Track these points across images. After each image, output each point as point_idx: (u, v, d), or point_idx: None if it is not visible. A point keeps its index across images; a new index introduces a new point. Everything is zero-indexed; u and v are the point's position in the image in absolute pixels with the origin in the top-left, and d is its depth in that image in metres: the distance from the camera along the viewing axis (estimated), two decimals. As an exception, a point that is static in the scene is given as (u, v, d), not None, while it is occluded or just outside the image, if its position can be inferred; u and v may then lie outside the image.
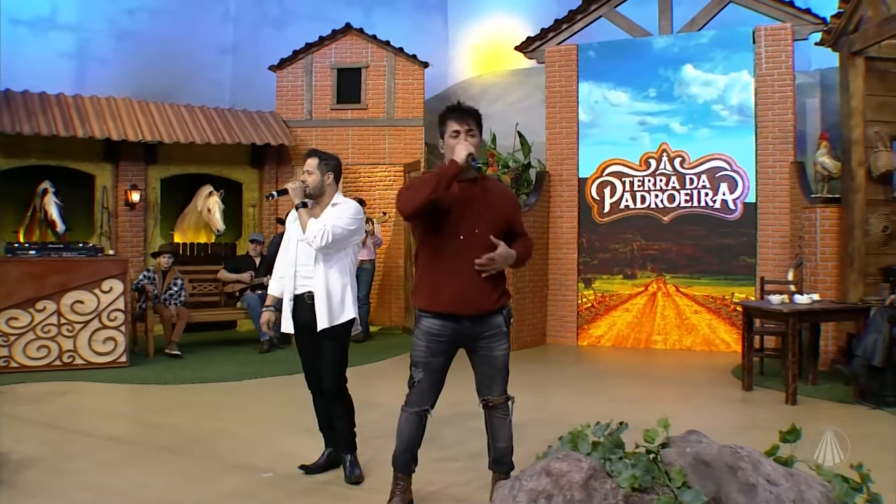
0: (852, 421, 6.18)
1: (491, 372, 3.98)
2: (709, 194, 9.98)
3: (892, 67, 8.21)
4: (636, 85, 10.42)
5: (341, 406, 4.71)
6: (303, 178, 4.66)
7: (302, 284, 4.61)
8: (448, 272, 3.85)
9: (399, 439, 4.09)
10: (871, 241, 8.15)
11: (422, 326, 3.93)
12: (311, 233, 4.43)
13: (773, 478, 2.41)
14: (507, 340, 4.02)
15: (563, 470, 2.37)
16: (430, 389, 3.99)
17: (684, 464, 2.49)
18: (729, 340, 9.75)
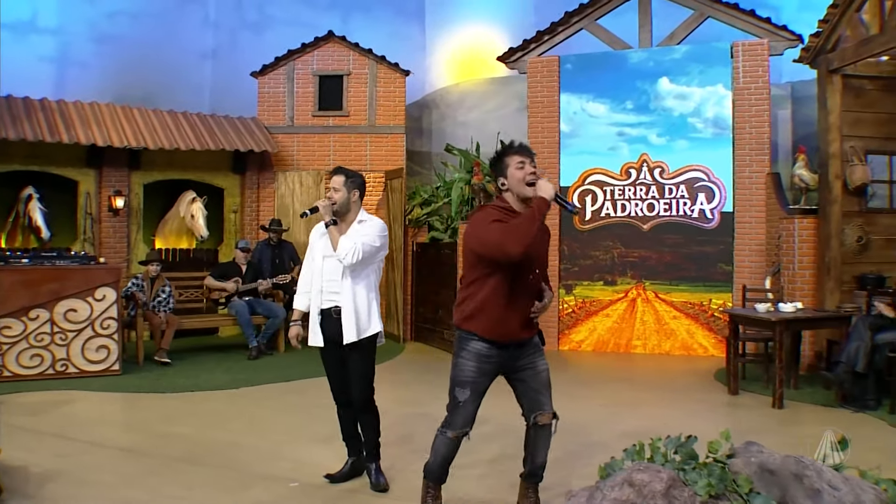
0: (838, 424, 6.37)
1: (538, 386, 4.12)
2: (687, 204, 10.28)
3: (866, 84, 8.57)
4: (614, 97, 10.68)
5: (369, 417, 4.84)
6: (329, 195, 4.75)
7: (328, 299, 4.71)
8: (515, 306, 3.96)
9: (436, 457, 4.20)
10: (846, 250, 8.50)
11: (471, 348, 4.02)
12: (343, 250, 4.56)
13: (833, 483, 2.64)
14: (545, 357, 4.17)
15: (645, 480, 2.57)
16: (475, 411, 4.10)
17: (750, 472, 2.71)
18: (707, 345, 10.06)
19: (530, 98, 11.05)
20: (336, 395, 4.92)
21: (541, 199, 3.80)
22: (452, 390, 4.09)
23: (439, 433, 4.16)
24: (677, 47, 10.42)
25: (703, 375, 8.77)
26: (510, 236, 3.75)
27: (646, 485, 2.55)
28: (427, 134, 13.39)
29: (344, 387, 4.85)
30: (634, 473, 2.59)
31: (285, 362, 9.31)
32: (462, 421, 4.08)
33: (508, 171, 3.94)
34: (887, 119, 8.63)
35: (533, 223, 3.76)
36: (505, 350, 4.02)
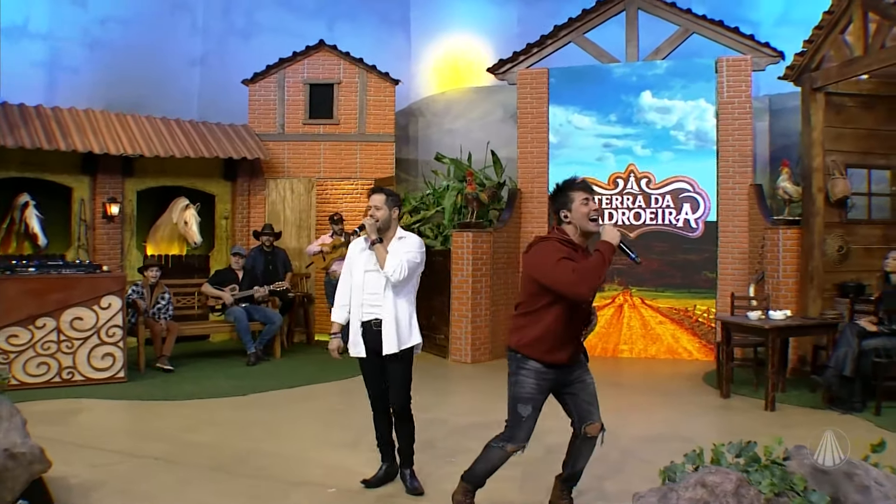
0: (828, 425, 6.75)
1: (588, 398, 4.39)
2: (672, 213, 10.64)
3: (847, 102, 8.98)
4: (599, 109, 11.01)
5: (406, 424, 5.09)
6: (371, 213, 4.93)
7: (369, 312, 4.94)
8: (570, 334, 4.25)
9: (486, 465, 4.42)
10: (827, 259, 8.91)
11: (530, 367, 4.25)
12: (391, 268, 4.80)
13: (878, 479, 2.95)
14: (590, 371, 4.46)
15: (716, 482, 2.85)
16: (534, 425, 4.32)
17: (804, 472, 3.01)
18: (691, 349, 10.44)
19: (520, 109, 11.34)
20: (374, 402, 5.15)
21: (608, 244, 4.03)
22: (514, 407, 4.30)
23: (496, 446, 4.35)
24: (660, 63, 10.78)
25: (691, 379, 9.12)
26: (583, 279, 3.97)
27: (718, 485, 2.83)
28: (413, 142, 13.63)
29: (382, 395, 5.09)
30: (706, 476, 2.87)
31: (284, 368, 9.48)
32: (524, 435, 4.29)
33: (573, 206, 4.16)
34: (866, 134, 9.05)
35: (603, 268, 4.00)
36: (559, 370, 4.29)
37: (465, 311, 10.17)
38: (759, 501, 2.85)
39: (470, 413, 7.33)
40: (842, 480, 2.95)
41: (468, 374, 9.57)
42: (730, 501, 2.81)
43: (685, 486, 2.90)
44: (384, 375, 5.05)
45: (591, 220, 4.14)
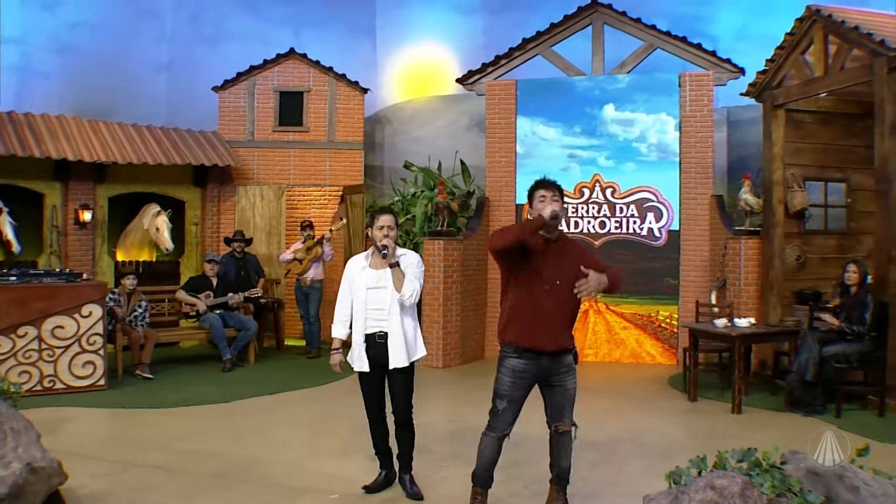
0: (794, 427, 7.24)
1: (563, 401, 4.67)
2: (637, 222, 10.99)
3: (806, 118, 9.43)
4: (565, 121, 11.33)
5: (408, 432, 5.29)
6: (385, 234, 5.08)
7: (373, 325, 5.12)
8: (538, 316, 4.51)
9: (481, 459, 4.72)
10: (786, 268, 9.35)
11: (508, 364, 4.58)
12: (408, 292, 5.03)
13: (866, 480, 3.25)
14: (575, 376, 4.71)
15: (724, 485, 3.14)
16: (512, 417, 4.63)
17: (800, 475, 3.30)
18: (654, 353, 10.81)
19: (488, 120, 11.60)
20: (373, 413, 5.33)
21: (538, 214, 4.46)
22: (493, 400, 4.65)
23: (484, 435, 4.69)
24: (622, 77, 11.13)
25: (657, 383, 9.46)
26: (495, 235, 4.57)
27: (725, 488, 3.10)
28: (380, 149, 13.81)
29: (382, 406, 5.28)
30: (715, 479, 3.14)
31: (259, 375, 9.61)
32: (502, 426, 4.62)
33: (533, 204, 4.56)
34: (823, 149, 9.51)
35: (515, 228, 4.53)
36: (538, 361, 4.55)
37: (437, 316, 10.38)
38: (763, 502, 3.13)
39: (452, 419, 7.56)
40: (834, 482, 3.24)
41: (441, 378, 9.77)
42: (737, 502, 3.08)
43: (695, 488, 3.16)
44: (384, 388, 5.24)
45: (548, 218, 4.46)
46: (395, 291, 5.06)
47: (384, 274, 5.10)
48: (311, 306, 11.10)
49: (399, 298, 5.05)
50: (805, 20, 8.45)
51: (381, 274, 5.12)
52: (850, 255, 9.50)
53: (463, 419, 7.15)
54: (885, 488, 3.26)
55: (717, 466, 3.35)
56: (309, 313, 11.10)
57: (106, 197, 11.05)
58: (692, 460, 3.45)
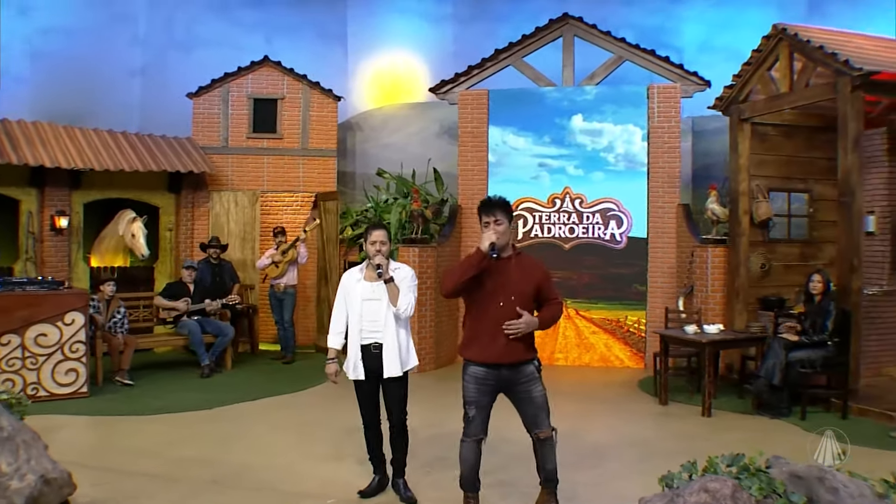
0: (762, 429, 7.56)
1: (534, 410, 4.90)
2: (601, 228, 11.30)
3: (770, 131, 9.78)
4: (535, 131, 11.59)
5: (403, 438, 5.48)
6: (378, 249, 5.26)
7: (368, 337, 5.31)
8: (492, 331, 4.76)
9: (464, 465, 4.95)
10: (751, 276, 9.68)
11: (470, 372, 4.86)
12: (404, 306, 5.23)
13: (845, 482, 3.51)
14: (541, 384, 4.94)
15: (716, 487, 3.37)
16: (483, 422, 4.89)
17: (784, 478, 3.54)
18: (623, 357, 11.11)
19: (461, 128, 11.82)
20: (368, 419, 5.52)
21: (477, 249, 4.73)
22: (464, 407, 4.91)
23: (462, 441, 4.93)
24: (590, 89, 11.43)
25: (627, 386, 9.75)
26: (446, 278, 4.89)
27: (717, 490, 3.34)
28: (351, 155, 13.95)
29: (376, 413, 5.48)
30: (708, 482, 3.38)
31: (239, 380, 9.71)
32: (474, 430, 4.89)
33: (481, 227, 4.82)
34: (786, 161, 9.87)
35: (461, 269, 4.78)
36: (498, 372, 4.80)
37: (412, 322, 10.49)
38: (752, 502, 3.37)
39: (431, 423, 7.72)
40: (815, 484, 3.49)
41: (417, 383, 9.64)
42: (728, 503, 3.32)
43: (690, 491, 3.40)
44: (379, 396, 5.42)
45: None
46: (391, 304, 5.24)
47: (378, 286, 5.29)
48: (286, 312, 11.23)
49: (395, 311, 5.24)
50: (771, 38, 8.78)
51: (376, 286, 5.30)
52: (812, 262, 9.89)
53: (441, 423, 7.30)
54: (862, 489, 3.52)
55: (708, 470, 3.59)
56: (283, 319, 11.23)
57: (81, 203, 11.07)
58: (684, 465, 3.69)
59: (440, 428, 7.23)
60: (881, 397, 8.09)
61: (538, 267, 5.02)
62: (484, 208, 4.80)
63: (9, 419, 4.46)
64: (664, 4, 14.17)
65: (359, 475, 5.80)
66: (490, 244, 4.67)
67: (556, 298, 5.06)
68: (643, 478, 6.02)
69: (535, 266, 4.99)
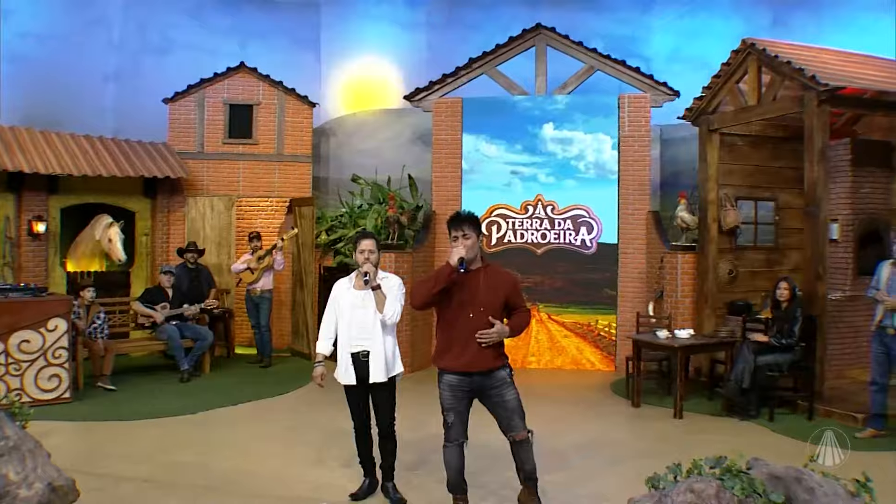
0: (732, 431, 7.84)
1: (508, 413, 5.09)
2: (572, 234, 11.57)
3: (738, 141, 10.09)
4: (508, 139, 11.83)
5: (391, 443, 5.65)
6: (366, 258, 5.43)
7: (357, 344, 5.48)
8: (463, 341, 4.97)
9: (449, 469, 5.17)
10: (720, 281, 9.99)
11: (445, 380, 5.07)
12: (390, 313, 5.40)
13: (820, 482, 3.75)
14: (514, 388, 5.13)
15: (701, 488, 3.59)
16: (461, 426, 5.10)
17: (763, 478, 3.77)
18: (594, 360, 11.37)
19: (435, 136, 12.01)
20: (358, 424, 5.68)
21: (447, 263, 4.91)
22: (442, 414, 5.11)
23: (444, 447, 5.14)
24: (561, 98, 11.68)
25: (600, 389, 9.99)
26: (414, 291, 5.07)
27: (702, 491, 3.56)
28: (325, 160, 14.08)
29: (366, 418, 5.65)
30: (693, 483, 3.60)
31: (219, 385, 9.79)
32: (455, 435, 5.10)
33: (450, 241, 5.05)
34: (753, 170, 10.20)
35: (430, 282, 4.95)
36: (471, 378, 5.02)
37: (388, 327, 10.72)
38: (734, 502, 3.60)
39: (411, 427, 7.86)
40: (792, 484, 3.72)
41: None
42: (713, 503, 3.55)
43: (677, 492, 3.62)
44: (368, 402, 5.60)
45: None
46: (378, 311, 5.41)
47: (367, 294, 5.46)
48: (262, 316, 11.34)
49: (381, 318, 5.41)
50: (740, 52, 9.07)
51: (364, 294, 5.47)
52: (778, 268, 10.24)
53: (422, 427, 7.44)
54: (835, 488, 3.76)
55: (692, 472, 3.81)
56: (260, 323, 11.34)
57: (58, 208, 11.09)
58: (669, 467, 3.90)
59: (421, 431, 7.39)
60: (846, 399, 8.42)
61: (506, 278, 5.21)
62: (452, 223, 5.02)
63: (13, 428, 4.55)
64: (634, 15, 14.47)
65: (348, 478, 5.97)
66: (459, 259, 4.87)
67: (524, 307, 5.26)
68: (621, 477, 6.31)
69: (503, 277, 5.18)
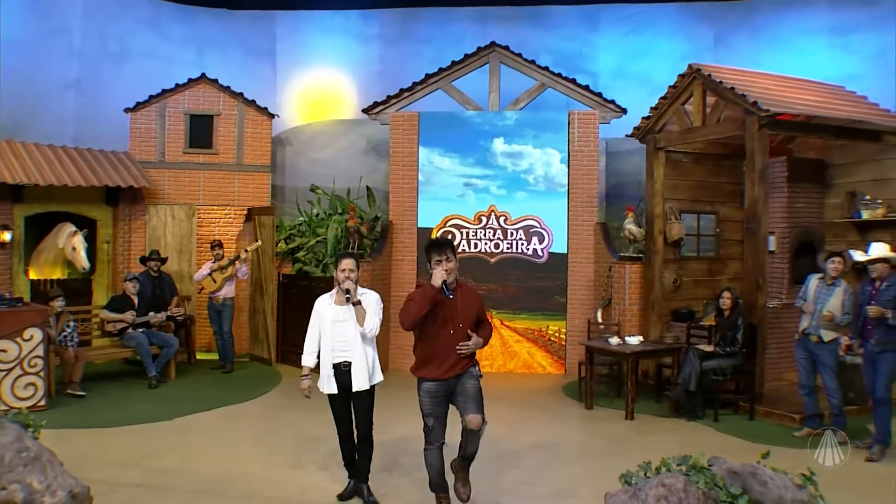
0: (680, 430, 8.45)
1: (465, 398, 5.59)
2: (524, 244, 12.12)
3: (682, 158, 10.76)
4: (461, 152, 12.33)
5: (369, 447, 6.07)
6: (348, 276, 5.84)
7: (339, 356, 5.90)
8: (443, 353, 5.54)
9: (430, 470, 5.68)
10: (665, 290, 10.62)
11: (424, 388, 5.61)
12: (370, 327, 5.84)
13: (772, 476, 4.30)
14: (477, 380, 5.65)
15: (671, 483, 4.11)
16: (441, 429, 5.64)
17: (723, 474, 4.31)
18: (545, 364, 11.93)
19: (392, 149, 12.44)
20: (341, 429, 6.09)
21: (430, 285, 5.47)
22: (423, 419, 5.65)
23: (426, 450, 5.66)
24: (510, 114, 12.23)
25: (553, 392, 10.54)
26: (403, 314, 5.52)
27: (672, 485, 4.08)
28: (281, 169, 14.35)
29: (349, 424, 6.06)
30: (664, 479, 4.12)
31: (186, 390, 10.05)
32: (434, 437, 5.64)
33: (431, 265, 5.58)
34: (696, 185, 10.87)
35: (416, 304, 5.43)
36: (447, 382, 5.58)
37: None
38: (699, 495, 4.12)
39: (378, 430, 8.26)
40: (748, 478, 4.27)
41: None
42: (681, 496, 4.06)
43: (650, 486, 4.13)
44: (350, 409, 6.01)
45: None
46: (358, 324, 5.84)
47: (347, 309, 5.90)
48: (224, 323, 11.62)
49: (361, 331, 5.84)
50: (687, 76, 9.70)
51: (345, 309, 5.91)
52: (719, 277, 10.94)
53: (388, 430, 7.77)
54: (785, 482, 4.32)
55: (660, 469, 4.33)
56: (222, 329, 11.62)
57: (22, 217, 11.20)
58: (640, 465, 4.42)
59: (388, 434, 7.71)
60: (783, 400, 9.11)
61: (476, 295, 5.83)
62: (435, 248, 5.57)
63: (30, 439, 4.86)
64: (581, 32, 15.09)
65: (330, 480, 6.39)
66: (443, 282, 5.42)
67: (487, 320, 5.89)
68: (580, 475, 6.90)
69: (473, 295, 5.80)
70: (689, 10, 14.86)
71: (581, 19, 15.10)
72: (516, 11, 15.05)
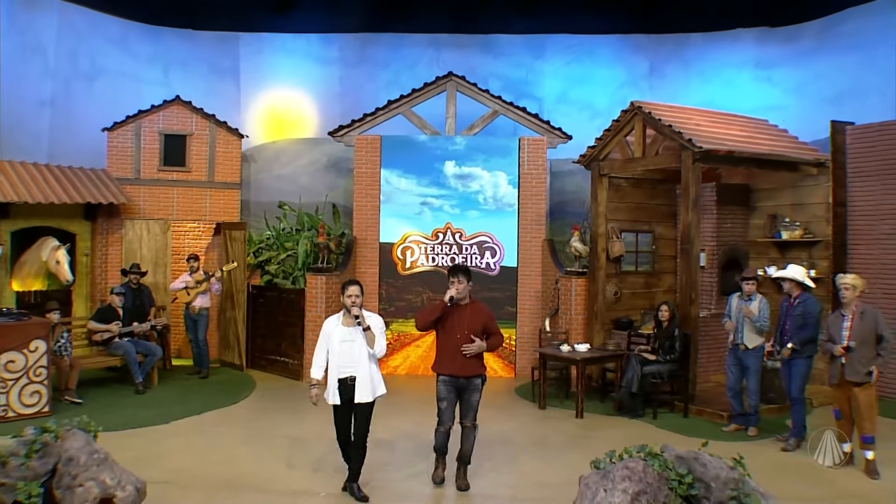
0: (624, 427, 9.62)
1: (467, 407, 7.11)
2: (478, 258, 13.22)
3: (622, 183, 11.98)
4: (417, 174, 13.37)
5: (362, 452, 6.91)
6: (354, 302, 6.72)
7: (344, 371, 6.78)
8: (453, 354, 6.98)
9: (437, 441, 7.17)
10: (607, 301, 11.82)
11: (441, 380, 7.13)
12: (380, 349, 6.82)
13: (711, 461, 5.44)
14: (479, 393, 7.15)
15: (633, 466, 5.24)
16: (451, 413, 7.07)
17: (672, 459, 5.45)
18: (497, 367, 13.03)
19: (356, 169, 13.41)
20: (342, 436, 6.97)
21: (442, 299, 6.99)
22: (437, 403, 7.11)
23: (436, 430, 7.16)
24: (460, 139, 13.33)
25: (507, 394, 11.63)
26: (419, 317, 7.23)
27: (634, 468, 5.20)
28: (247, 185, 15.15)
29: (348, 430, 6.92)
30: (628, 463, 5.23)
31: (172, 396, 10.87)
32: (446, 419, 7.11)
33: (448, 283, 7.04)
34: (635, 207, 12.12)
35: (431, 311, 7.11)
36: (457, 380, 7.03)
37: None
38: (655, 475, 5.24)
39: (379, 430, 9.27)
40: (692, 462, 5.41)
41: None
42: (641, 475, 5.18)
43: (616, 469, 5.24)
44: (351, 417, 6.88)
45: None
46: (369, 347, 6.76)
47: (354, 330, 6.78)
48: (200, 331, 12.45)
49: (371, 352, 6.78)
50: (629, 112, 10.91)
51: (352, 330, 6.79)
52: (655, 289, 12.20)
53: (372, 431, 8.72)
54: (720, 464, 5.46)
55: (623, 456, 5.44)
56: (198, 337, 12.44)
57: (9, 232, 11.82)
58: (606, 453, 5.52)
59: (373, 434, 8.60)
60: (713, 400, 10.37)
61: (485, 312, 7.28)
62: (451, 272, 7.08)
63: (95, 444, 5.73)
64: (527, 60, 16.24)
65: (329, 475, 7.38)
66: (450, 297, 6.88)
67: (498, 332, 7.28)
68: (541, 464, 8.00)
69: (482, 311, 7.25)
70: (627, 42, 16.14)
71: (528, 48, 16.25)
72: (468, 39, 16.12)
